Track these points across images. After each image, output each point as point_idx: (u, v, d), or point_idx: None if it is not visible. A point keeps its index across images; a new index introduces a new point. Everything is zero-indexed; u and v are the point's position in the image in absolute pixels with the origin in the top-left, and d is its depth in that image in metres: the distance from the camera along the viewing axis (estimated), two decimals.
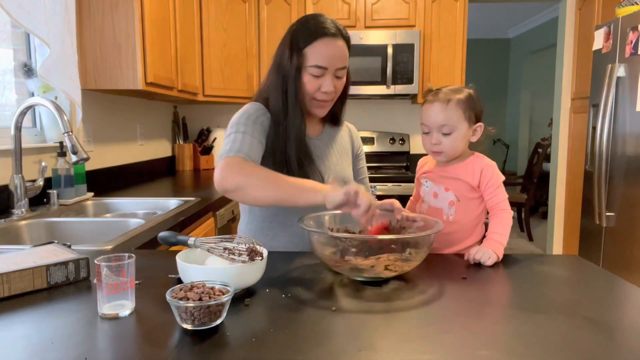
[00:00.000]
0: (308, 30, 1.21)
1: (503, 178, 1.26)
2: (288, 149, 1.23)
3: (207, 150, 3.49)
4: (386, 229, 1.14)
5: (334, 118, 1.39)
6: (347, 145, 1.42)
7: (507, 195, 1.25)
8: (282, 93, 1.23)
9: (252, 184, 1.09)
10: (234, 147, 1.16)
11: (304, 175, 1.20)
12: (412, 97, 3.44)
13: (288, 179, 1.09)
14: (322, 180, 1.25)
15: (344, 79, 1.28)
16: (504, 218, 1.22)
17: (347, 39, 1.25)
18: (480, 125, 1.27)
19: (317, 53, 1.20)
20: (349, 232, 1.15)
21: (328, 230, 1.14)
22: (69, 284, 0.96)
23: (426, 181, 1.34)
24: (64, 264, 0.96)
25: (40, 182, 1.76)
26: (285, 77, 1.22)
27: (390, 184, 3.05)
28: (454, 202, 1.27)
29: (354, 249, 0.99)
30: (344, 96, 1.34)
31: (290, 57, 1.21)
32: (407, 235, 1.08)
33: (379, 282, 0.99)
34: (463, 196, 1.27)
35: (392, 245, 0.99)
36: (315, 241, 1.02)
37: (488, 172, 1.25)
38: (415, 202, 1.38)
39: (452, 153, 1.27)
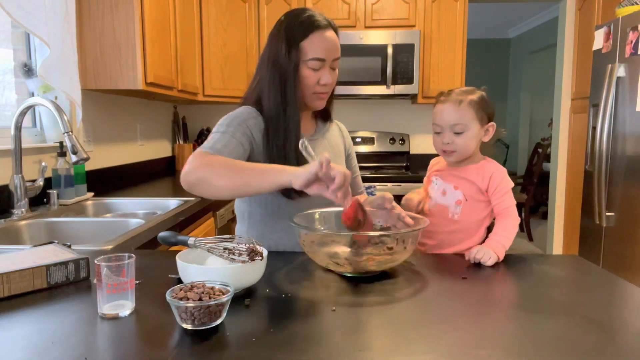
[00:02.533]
0: (302, 24, 1.20)
1: (512, 185, 1.26)
2: (287, 148, 1.20)
3: None
4: (360, 208, 1.04)
5: (325, 113, 1.39)
6: (339, 145, 1.42)
7: (515, 202, 1.25)
8: (279, 90, 1.21)
9: (212, 173, 1.03)
10: (206, 145, 1.14)
11: None
12: (412, 97, 3.44)
13: (251, 164, 1.05)
14: None
15: (337, 71, 1.28)
16: (509, 222, 1.22)
17: (336, 30, 1.25)
18: (492, 125, 1.29)
19: (315, 46, 1.19)
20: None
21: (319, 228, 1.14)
22: (69, 284, 0.96)
23: (436, 179, 1.34)
24: (64, 264, 0.96)
25: (40, 182, 1.76)
26: (284, 74, 1.20)
27: (390, 184, 3.05)
28: (462, 201, 1.27)
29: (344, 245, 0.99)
30: (333, 90, 1.33)
31: (288, 53, 1.19)
32: (390, 232, 1.09)
33: (370, 278, 1.00)
34: (471, 197, 1.27)
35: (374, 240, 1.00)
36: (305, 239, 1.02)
37: (497, 177, 1.25)
38: (416, 198, 1.37)
39: (464, 152, 1.27)
